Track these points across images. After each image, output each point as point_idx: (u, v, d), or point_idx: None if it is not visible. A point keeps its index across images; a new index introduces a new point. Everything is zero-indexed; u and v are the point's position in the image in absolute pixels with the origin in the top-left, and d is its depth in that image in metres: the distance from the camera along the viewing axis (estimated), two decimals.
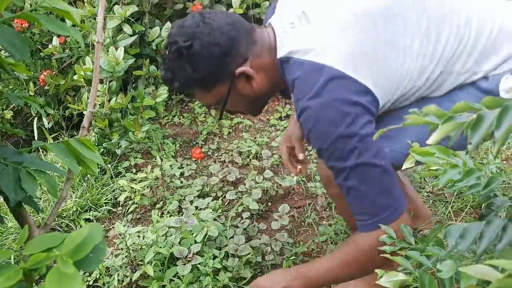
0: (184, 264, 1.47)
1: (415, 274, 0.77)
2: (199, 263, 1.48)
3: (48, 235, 0.40)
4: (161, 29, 2.27)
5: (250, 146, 2.28)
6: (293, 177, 1.33)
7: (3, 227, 1.84)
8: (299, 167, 1.39)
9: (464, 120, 0.47)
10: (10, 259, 1.60)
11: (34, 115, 2.87)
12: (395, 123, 0.60)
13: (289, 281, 1.18)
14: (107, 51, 1.97)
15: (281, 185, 2.01)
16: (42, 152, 2.41)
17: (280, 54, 1.08)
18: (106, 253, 0.39)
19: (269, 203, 1.97)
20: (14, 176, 0.47)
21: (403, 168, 0.81)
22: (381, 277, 0.77)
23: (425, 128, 0.53)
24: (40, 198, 1.92)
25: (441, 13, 1.06)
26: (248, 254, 1.56)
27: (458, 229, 0.66)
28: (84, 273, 1.60)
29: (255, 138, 2.41)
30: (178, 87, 1.09)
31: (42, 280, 0.38)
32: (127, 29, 2.13)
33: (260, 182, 1.94)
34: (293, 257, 1.64)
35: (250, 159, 2.21)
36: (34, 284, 0.39)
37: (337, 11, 1.06)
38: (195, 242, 1.55)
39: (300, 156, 1.37)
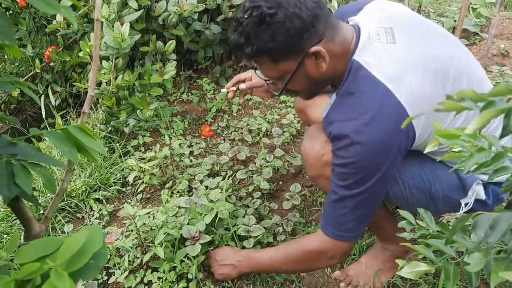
0: (193, 245, 1.45)
1: (437, 264, 0.73)
2: (208, 241, 1.46)
3: (42, 240, 0.36)
4: (167, 2, 2.19)
5: (260, 124, 2.23)
6: (224, 89, 1.55)
7: None
8: (234, 89, 1.51)
9: (507, 106, 0.42)
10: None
11: (41, 92, 2.83)
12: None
13: (237, 262, 1.41)
14: (112, 26, 1.91)
15: (292, 163, 1.97)
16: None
17: (358, 57, 1.07)
18: (107, 258, 0.35)
19: (280, 182, 1.93)
20: (7, 171, 0.42)
21: (425, 151, 0.77)
22: (402, 267, 0.73)
23: None
24: (38, 190, 1.88)
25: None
26: (260, 235, 1.54)
27: (487, 219, 0.62)
28: None
29: (265, 115, 2.36)
30: (247, 54, 1.06)
31: None
32: (132, 3, 2.05)
33: (271, 161, 1.90)
34: None
35: (261, 137, 2.17)
36: None
37: (422, 48, 1.08)
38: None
39: (242, 86, 1.49)
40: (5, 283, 0.32)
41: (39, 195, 1.86)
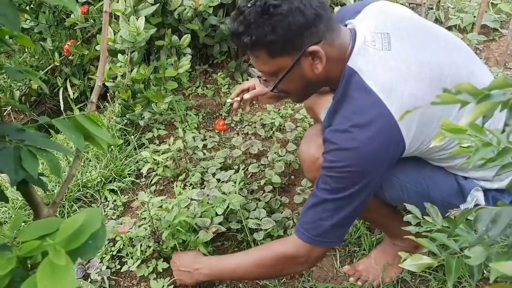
0: (207, 232, 1.47)
1: (440, 258, 0.73)
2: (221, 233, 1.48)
3: (43, 221, 0.38)
4: None
5: (274, 118, 2.24)
6: (229, 100, 1.57)
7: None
8: (238, 99, 1.52)
9: (502, 99, 0.42)
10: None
11: (60, 85, 2.89)
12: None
13: (194, 269, 1.34)
14: (128, 20, 1.94)
15: None
16: None
17: (352, 63, 1.06)
18: (106, 240, 0.36)
19: (292, 177, 1.94)
20: (14, 155, 0.44)
21: (431, 145, 0.77)
22: (405, 260, 0.73)
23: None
24: (47, 176, 1.93)
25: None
26: (270, 227, 1.55)
27: (489, 213, 0.62)
28: (109, 242, 1.62)
29: (278, 110, 2.37)
30: (245, 44, 1.04)
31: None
32: None
33: (283, 155, 1.91)
34: None
35: (273, 132, 2.18)
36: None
37: (419, 55, 1.05)
38: (217, 214, 1.54)
39: (246, 96, 1.49)
40: (8, 259, 0.34)
41: (55, 185, 1.91)
